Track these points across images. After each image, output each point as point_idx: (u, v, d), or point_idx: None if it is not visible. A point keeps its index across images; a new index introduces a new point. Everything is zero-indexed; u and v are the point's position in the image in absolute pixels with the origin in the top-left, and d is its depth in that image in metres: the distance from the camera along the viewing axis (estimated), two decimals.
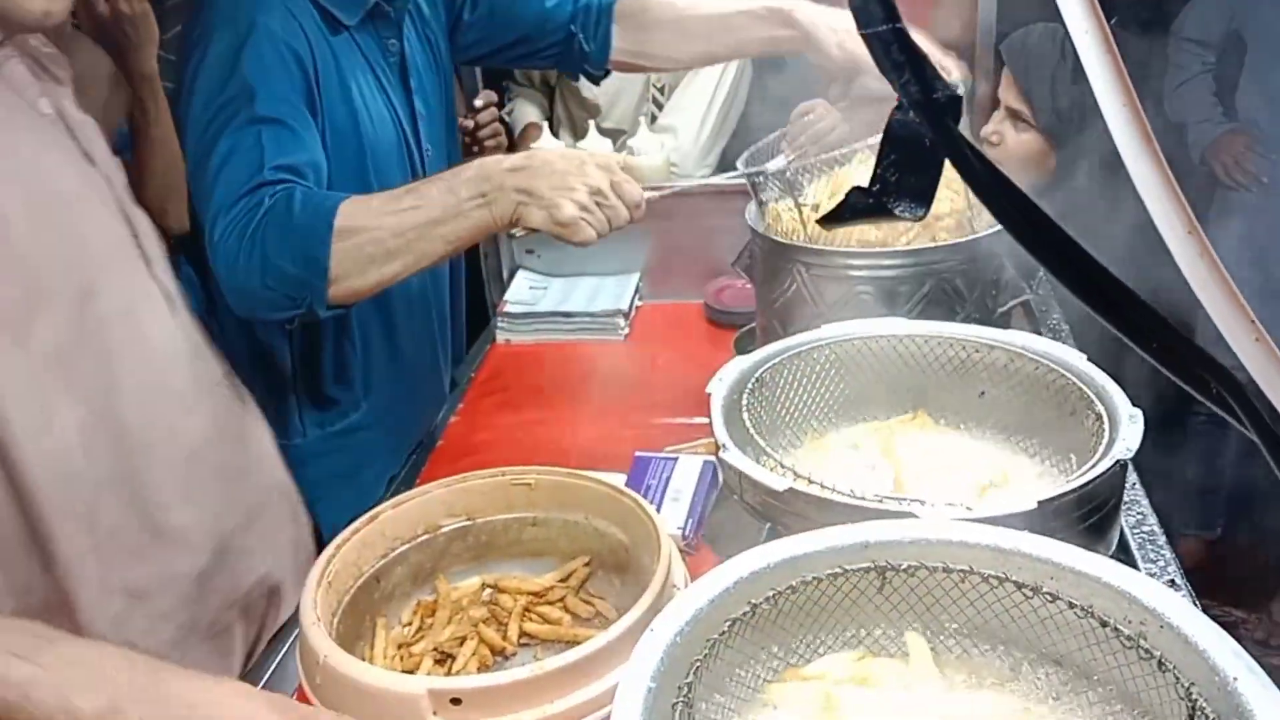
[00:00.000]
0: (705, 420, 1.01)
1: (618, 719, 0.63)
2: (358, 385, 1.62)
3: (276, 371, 1.59)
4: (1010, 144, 1.76)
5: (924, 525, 0.77)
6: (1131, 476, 1.16)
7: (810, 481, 0.88)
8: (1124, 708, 0.70)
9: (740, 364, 1.08)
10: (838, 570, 0.75)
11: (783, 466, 0.91)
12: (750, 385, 1.04)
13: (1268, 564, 2.10)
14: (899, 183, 0.44)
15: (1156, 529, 1.07)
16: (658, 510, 1.27)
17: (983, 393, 1.09)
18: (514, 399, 1.76)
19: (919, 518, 0.80)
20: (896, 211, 0.45)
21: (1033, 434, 1.06)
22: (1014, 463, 1.05)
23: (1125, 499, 1.01)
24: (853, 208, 0.47)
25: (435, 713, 0.93)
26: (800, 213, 1.34)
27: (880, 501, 0.84)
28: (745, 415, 0.99)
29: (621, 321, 1.92)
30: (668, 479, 1.43)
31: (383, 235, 1.23)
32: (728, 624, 0.71)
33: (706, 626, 0.71)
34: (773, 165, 1.37)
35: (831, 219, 0.49)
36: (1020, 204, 0.39)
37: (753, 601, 0.73)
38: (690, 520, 1.34)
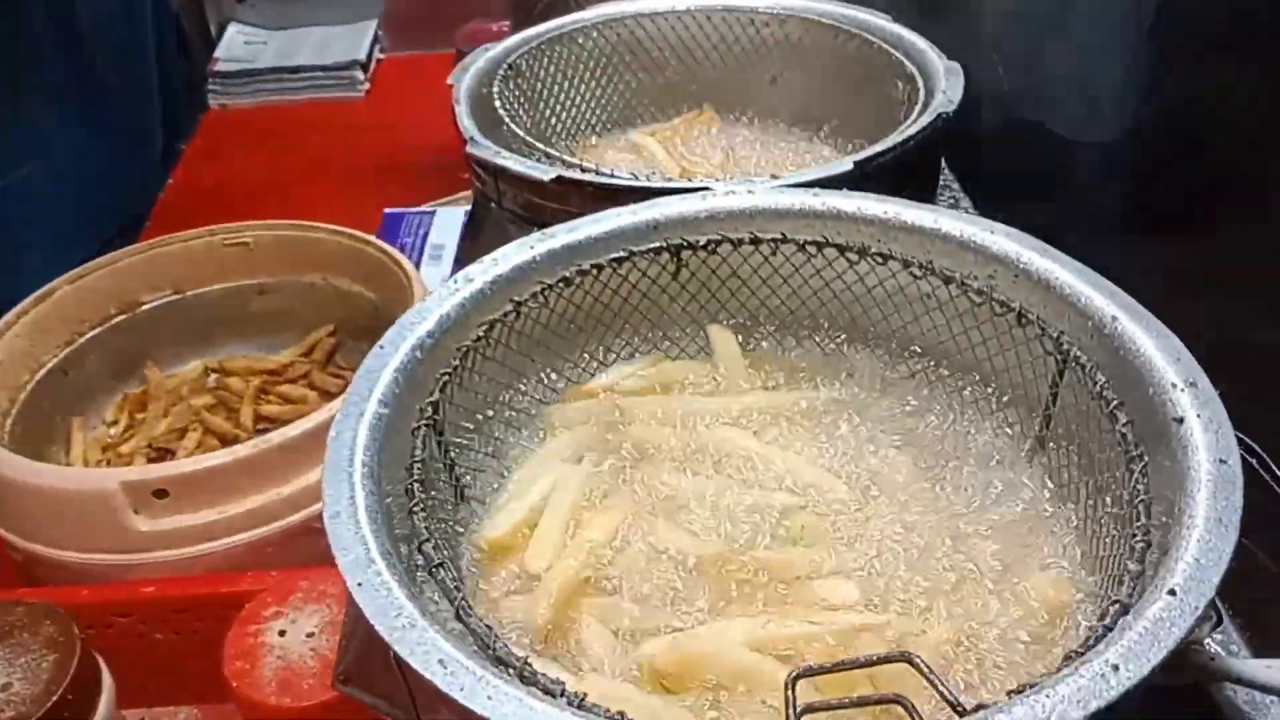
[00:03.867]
0: (465, 175, 0.81)
1: (332, 455, 0.45)
2: (37, 123, 1.30)
3: None
4: None
5: (724, 197, 0.61)
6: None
7: (583, 170, 0.70)
8: (977, 377, 0.58)
9: (488, 50, 0.88)
10: (622, 254, 0.58)
11: (549, 156, 0.73)
12: (502, 72, 0.84)
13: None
14: None
15: (972, 209, 0.96)
16: (416, 270, 1.09)
17: (773, 79, 0.94)
18: (237, 171, 1.49)
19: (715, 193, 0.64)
20: None
21: (835, 118, 0.91)
22: (815, 151, 0.91)
23: (940, 182, 0.89)
24: None
25: (137, 510, 0.74)
26: None
27: (668, 183, 0.68)
28: (497, 103, 0.79)
29: (360, 75, 1.65)
30: (425, 235, 1.23)
31: None
32: (484, 328, 0.54)
33: (458, 335, 0.54)
34: None
35: None
36: None
37: (516, 299, 0.56)
38: None
